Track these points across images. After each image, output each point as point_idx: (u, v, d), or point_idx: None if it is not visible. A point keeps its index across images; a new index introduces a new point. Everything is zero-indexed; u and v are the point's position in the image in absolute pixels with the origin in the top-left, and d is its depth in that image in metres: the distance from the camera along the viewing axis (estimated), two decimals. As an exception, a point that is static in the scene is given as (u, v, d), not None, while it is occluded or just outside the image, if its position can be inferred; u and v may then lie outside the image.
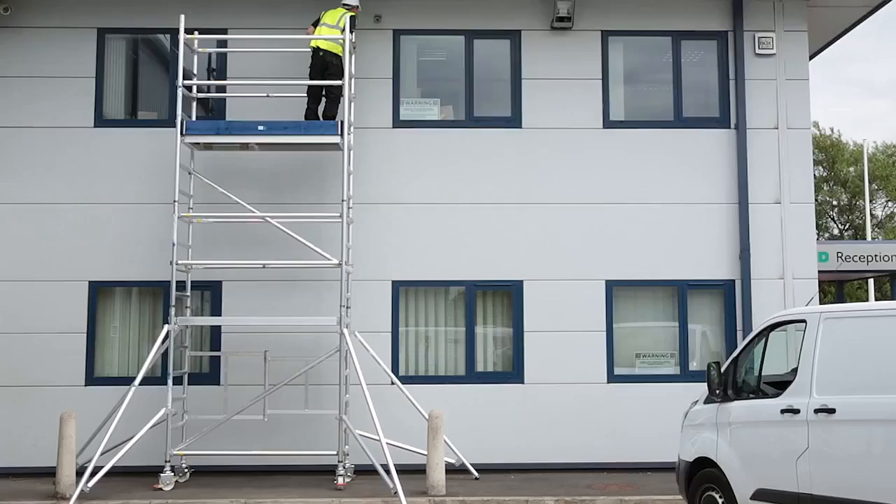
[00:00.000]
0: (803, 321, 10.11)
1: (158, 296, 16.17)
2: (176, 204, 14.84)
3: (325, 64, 15.43)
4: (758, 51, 16.74)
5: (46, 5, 16.55)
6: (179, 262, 14.95)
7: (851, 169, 54.46)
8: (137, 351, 16.20)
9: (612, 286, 16.39)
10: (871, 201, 50.58)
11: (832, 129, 56.23)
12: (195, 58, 15.98)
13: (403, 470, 13.81)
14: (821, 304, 15.26)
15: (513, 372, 16.24)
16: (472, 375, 16.22)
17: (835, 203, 56.27)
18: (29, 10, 16.50)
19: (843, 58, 79.68)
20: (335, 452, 14.64)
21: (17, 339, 15.92)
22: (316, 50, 15.47)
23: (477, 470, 15.12)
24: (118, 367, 16.21)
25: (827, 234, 54.87)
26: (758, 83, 16.74)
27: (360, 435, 14.30)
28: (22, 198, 16.21)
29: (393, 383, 15.13)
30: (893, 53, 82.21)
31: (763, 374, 10.67)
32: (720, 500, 10.60)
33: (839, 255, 26.18)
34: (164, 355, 14.94)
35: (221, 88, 16.50)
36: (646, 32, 16.95)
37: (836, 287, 34.47)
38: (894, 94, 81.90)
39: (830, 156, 54.75)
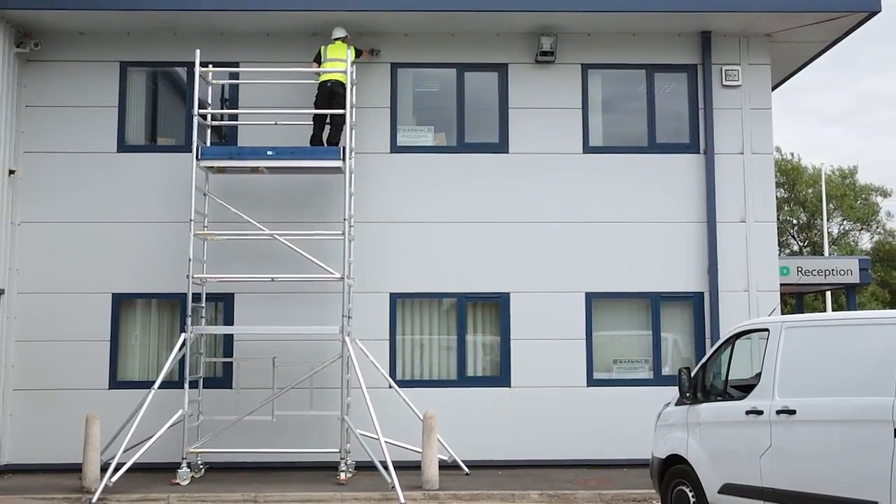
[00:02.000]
0: (766, 330, 10.15)
1: (176, 307, 16.15)
2: (192, 222, 14.88)
3: (332, 94, 15.47)
4: (724, 82, 16.79)
5: (73, 41, 16.57)
6: (195, 275, 14.98)
7: (810, 190, 54.54)
8: (156, 357, 16.17)
9: (591, 298, 16.39)
10: (827, 220, 50.69)
11: (792, 154, 56.40)
12: (209, 88, 16.02)
13: (400, 466, 13.83)
14: (782, 314, 15.28)
15: (500, 376, 16.23)
16: (464, 379, 16.21)
17: (795, 222, 56.36)
18: (57, 45, 16.51)
19: (801, 89, 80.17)
20: (337, 450, 14.65)
21: (46, 346, 15.90)
22: (324, 81, 15.53)
23: (468, 466, 15.10)
24: (139, 372, 16.18)
25: (788, 251, 54.93)
26: (725, 112, 16.77)
27: (361, 434, 14.29)
28: (51, 217, 16.20)
29: (390, 387, 15.13)
30: (843, 86, 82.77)
31: (729, 378, 10.69)
32: (690, 494, 10.61)
33: (799, 269, 26.22)
34: (181, 361, 14.92)
35: (234, 116, 16.52)
36: (622, 66, 16.99)
37: (797, 299, 34.53)
38: (846, 123, 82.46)
39: (791, 178, 54.84)
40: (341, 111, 15.41)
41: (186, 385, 14.69)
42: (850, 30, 16.62)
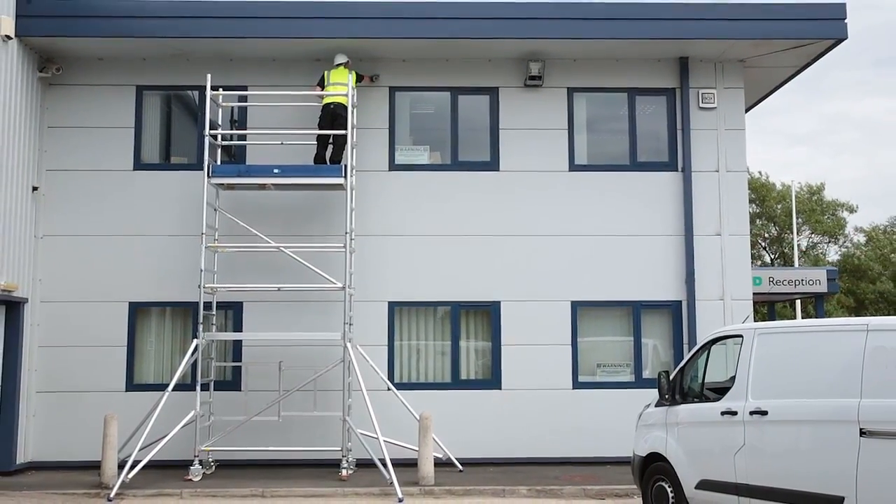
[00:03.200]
0: (740, 336, 10.17)
1: (188, 314, 16.13)
2: (203, 236, 14.89)
3: (334, 115, 15.51)
4: (701, 105, 16.84)
5: (92, 66, 16.59)
6: (206, 285, 14.98)
7: (779, 206, 54.54)
8: (170, 361, 16.15)
9: (576, 306, 16.41)
10: (797, 234, 50.69)
11: (760, 172, 56.33)
12: (220, 110, 16.03)
13: (398, 464, 13.82)
14: (755, 321, 15.30)
15: (492, 379, 16.23)
16: (457, 382, 16.21)
17: (766, 235, 56.32)
18: (77, 70, 16.53)
19: (770, 111, 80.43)
20: (339, 448, 14.66)
21: (67, 351, 15.88)
22: (327, 104, 15.56)
23: (461, 463, 15.12)
24: (154, 376, 16.16)
25: (760, 262, 54.89)
26: (701, 132, 16.82)
27: (361, 433, 14.29)
28: (72, 230, 16.20)
29: (389, 389, 15.14)
30: (809, 108, 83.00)
31: (706, 381, 10.68)
32: (669, 490, 10.60)
33: (771, 279, 26.24)
34: (193, 365, 14.91)
35: (242, 137, 16.52)
36: (605, 89, 17.03)
37: (768, 307, 34.54)
38: (813, 143, 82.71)
39: (761, 195, 54.83)
40: (343, 132, 15.44)
41: (198, 387, 14.69)
42: (819, 55, 16.71)
